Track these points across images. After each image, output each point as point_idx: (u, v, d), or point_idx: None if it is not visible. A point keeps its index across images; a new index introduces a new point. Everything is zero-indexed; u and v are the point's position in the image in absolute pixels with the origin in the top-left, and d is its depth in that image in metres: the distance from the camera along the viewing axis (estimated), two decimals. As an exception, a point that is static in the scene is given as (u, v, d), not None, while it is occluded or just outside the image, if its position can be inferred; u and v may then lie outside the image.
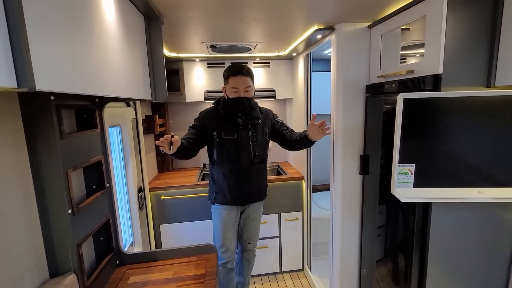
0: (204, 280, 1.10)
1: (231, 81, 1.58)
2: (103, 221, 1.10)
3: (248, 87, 1.60)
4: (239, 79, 1.57)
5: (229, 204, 1.69)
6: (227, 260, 1.74)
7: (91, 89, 0.69)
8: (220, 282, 1.77)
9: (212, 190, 1.72)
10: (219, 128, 1.63)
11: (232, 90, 1.58)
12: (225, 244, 1.72)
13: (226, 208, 1.70)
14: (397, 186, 1.06)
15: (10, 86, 0.40)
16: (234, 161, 1.63)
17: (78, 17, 0.66)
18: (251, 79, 1.62)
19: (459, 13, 1.00)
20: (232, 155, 1.62)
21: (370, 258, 1.60)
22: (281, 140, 1.75)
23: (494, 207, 1.13)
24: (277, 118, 1.81)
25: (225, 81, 1.63)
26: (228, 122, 1.64)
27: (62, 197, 0.85)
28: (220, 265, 1.72)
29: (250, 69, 1.62)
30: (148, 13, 1.15)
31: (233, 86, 1.57)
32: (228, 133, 1.63)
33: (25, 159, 0.80)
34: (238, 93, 1.57)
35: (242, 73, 1.57)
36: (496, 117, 0.98)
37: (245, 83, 1.58)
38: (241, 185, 1.65)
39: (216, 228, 1.74)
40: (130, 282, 1.11)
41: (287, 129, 1.76)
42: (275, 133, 1.74)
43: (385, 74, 1.34)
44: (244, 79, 1.58)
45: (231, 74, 1.58)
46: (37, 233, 0.84)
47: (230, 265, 1.77)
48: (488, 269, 1.19)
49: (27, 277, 0.78)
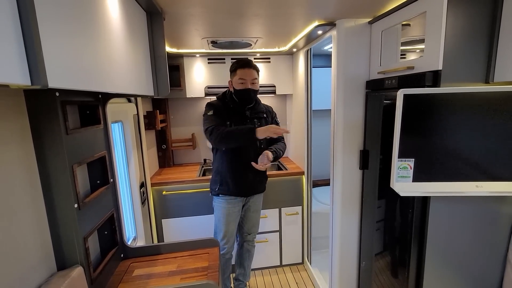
0: (207, 272, 1.13)
1: (239, 73, 1.63)
2: (107, 215, 1.12)
3: (255, 80, 1.66)
4: (246, 71, 1.63)
5: (233, 195, 1.74)
6: (227, 251, 1.82)
7: (97, 86, 0.70)
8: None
9: (216, 182, 1.76)
10: (230, 119, 1.69)
11: (239, 81, 1.63)
12: (226, 236, 1.78)
13: (230, 201, 1.75)
14: (397, 181, 1.08)
15: (24, 83, 0.41)
16: (241, 153, 1.69)
17: (83, 14, 0.67)
18: (257, 73, 1.68)
19: (459, 10, 1.00)
20: (239, 148, 1.68)
21: (369, 251, 1.62)
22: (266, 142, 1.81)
23: (490, 201, 1.16)
24: (276, 119, 1.89)
25: (232, 74, 1.68)
26: (237, 114, 1.70)
27: (69, 192, 0.87)
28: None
29: (256, 65, 1.69)
30: (150, 9, 1.15)
31: (240, 77, 1.63)
32: (238, 125, 1.68)
33: (31, 156, 0.82)
34: (245, 84, 1.63)
35: (249, 66, 1.65)
36: (494, 113, 0.99)
37: (252, 75, 1.65)
38: (246, 177, 1.71)
39: (219, 220, 1.78)
40: (135, 274, 1.14)
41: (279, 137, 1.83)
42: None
43: (385, 70, 1.35)
44: (252, 71, 1.65)
45: (239, 66, 1.64)
46: (45, 227, 0.86)
47: (228, 255, 1.85)
48: (484, 261, 1.21)
49: (36, 270, 0.80)
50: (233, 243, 1.86)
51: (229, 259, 1.89)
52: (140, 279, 1.10)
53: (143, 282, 1.09)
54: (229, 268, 1.95)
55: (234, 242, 1.87)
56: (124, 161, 1.66)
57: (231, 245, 1.84)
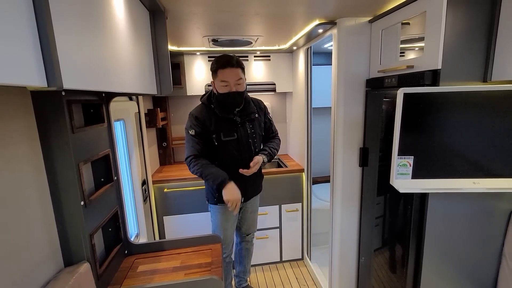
0: (210, 268, 1.15)
1: (220, 75, 1.43)
2: (112, 213, 1.13)
3: (239, 80, 1.45)
4: (229, 72, 1.42)
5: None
6: (226, 255, 1.78)
7: (106, 86, 0.71)
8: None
9: (212, 191, 1.64)
10: (217, 129, 1.52)
11: (222, 84, 1.44)
12: (225, 241, 1.72)
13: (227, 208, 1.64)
14: (396, 178, 1.10)
15: (41, 85, 0.43)
16: (236, 161, 1.57)
17: (92, 15, 0.68)
18: (242, 71, 1.46)
19: (458, 9, 1.02)
20: (233, 155, 1.56)
21: (368, 247, 1.65)
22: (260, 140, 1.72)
23: (487, 197, 1.18)
24: (268, 115, 1.76)
25: (213, 75, 1.48)
26: (225, 122, 1.53)
27: (75, 189, 0.88)
28: None
29: (239, 59, 1.47)
30: (154, 8, 1.16)
31: (222, 80, 1.43)
32: (228, 134, 1.54)
33: (38, 154, 0.83)
34: (229, 87, 1.44)
35: (231, 65, 1.41)
36: (491, 111, 1.02)
37: (236, 75, 1.43)
38: (244, 184, 1.58)
39: (216, 226, 1.73)
40: (139, 270, 1.16)
41: (272, 133, 1.76)
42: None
43: (385, 69, 1.37)
44: (235, 71, 1.42)
45: (219, 66, 1.42)
46: (52, 225, 0.87)
47: (228, 258, 1.82)
48: (481, 255, 1.25)
49: (44, 266, 0.82)
50: (232, 247, 1.82)
51: (229, 262, 1.84)
52: (145, 275, 1.12)
53: (147, 277, 1.11)
54: (230, 273, 1.92)
55: (232, 245, 1.83)
56: (126, 159, 1.68)
57: (230, 249, 1.80)
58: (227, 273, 1.88)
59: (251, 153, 1.62)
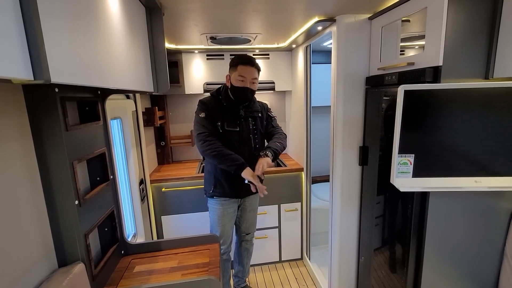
0: (208, 268, 1.13)
1: (240, 69, 1.55)
2: (108, 212, 1.12)
3: (255, 79, 1.59)
4: (248, 69, 1.55)
5: (228, 196, 1.70)
6: (224, 252, 1.78)
7: (98, 81, 0.70)
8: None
9: (210, 183, 1.69)
10: (222, 118, 1.61)
11: (239, 78, 1.55)
12: (223, 237, 1.74)
13: (225, 202, 1.71)
14: (397, 176, 1.08)
15: (26, 78, 0.41)
16: (236, 153, 1.59)
17: (84, 9, 0.66)
18: (258, 73, 1.61)
19: (459, 6, 1.00)
20: (234, 147, 1.61)
21: (368, 246, 1.64)
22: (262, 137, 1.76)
23: (489, 196, 1.17)
24: (271, 113, 1.82)
25: (231, 69, 1.60)
26: (230, 113, 1.63)
27: (69, 188, 0.86)
28: None
29: (258, 64, 1.62)
30: (150, 4, 1.14)
31: (240, 74, 1.55)
32: (231, 125, 1.62)
33: (31, 152, 0.81)
34: (245, 82, 1.56)
35: (252, 64, 1.56)
36: (493, 109, 1.00)
37: (253, 74, 1.57)
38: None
39: (214, 222, 1.74)
40: (136, 271, 1.14)
41: (273, 128, 1.78)
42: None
43: (385, 66, 1.35)
44: (253, 70, 1.57)
45: (241, 62, 1.56)
46: (45, 224, 0.85)
47: (226, 256, 1.82)
48: (482, 255, 1.23)
49: (38, 266, 0.80)
50: (230, 244, 1.82)
51: (227, 260, 1.85)
52: (141, 275, 1.11)
53: (144, 278, 1.09)
54: (228, 271, 1.92)
55: (231, 242, 1.83)
56: (123, 158, 1.66)
57: (228, 245, 1.80)
58: (225, 271, 1.88)
59: (250, 148, 1.66)
